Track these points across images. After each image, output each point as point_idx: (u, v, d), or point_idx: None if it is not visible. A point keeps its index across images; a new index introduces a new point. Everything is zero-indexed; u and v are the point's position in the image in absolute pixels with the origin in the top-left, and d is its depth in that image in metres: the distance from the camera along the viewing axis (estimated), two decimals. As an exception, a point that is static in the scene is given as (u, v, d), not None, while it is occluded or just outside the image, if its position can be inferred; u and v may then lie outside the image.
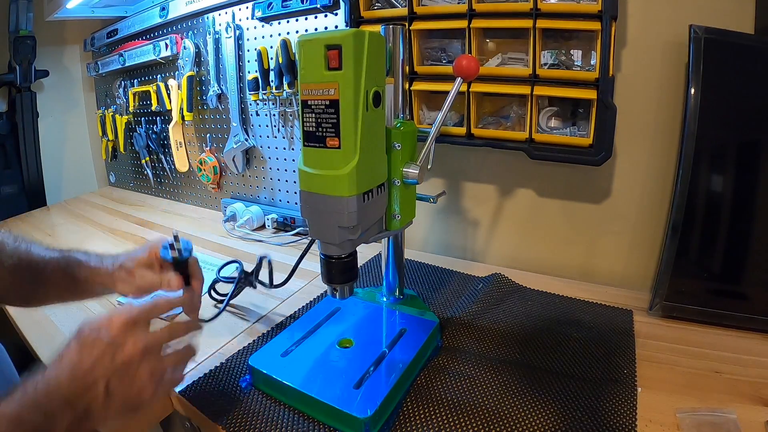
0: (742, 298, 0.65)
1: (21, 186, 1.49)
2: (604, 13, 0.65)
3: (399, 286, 0.69)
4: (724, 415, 0.48)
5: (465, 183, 0.92)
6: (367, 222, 0.52)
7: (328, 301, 0.71)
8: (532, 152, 0.75)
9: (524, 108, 0.76)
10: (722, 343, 0.61)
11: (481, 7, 0.74)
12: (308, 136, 0.47)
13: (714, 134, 0.62)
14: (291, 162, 1.11)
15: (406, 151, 0.55)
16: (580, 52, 0.72)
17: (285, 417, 0.51)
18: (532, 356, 0.59)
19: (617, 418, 0.49)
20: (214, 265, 0.91)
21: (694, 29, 0.61)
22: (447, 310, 0.71)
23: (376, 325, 0.65)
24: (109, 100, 1.56)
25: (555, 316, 0.69)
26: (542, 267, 0.87)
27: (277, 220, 1.11)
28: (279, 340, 0.61)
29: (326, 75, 0.44)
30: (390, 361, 0.56)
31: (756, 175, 0.62)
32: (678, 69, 0.68)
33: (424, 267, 0.87)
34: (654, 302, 0.68)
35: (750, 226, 0.63)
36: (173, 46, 1.22)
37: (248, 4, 1.05)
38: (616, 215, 0.79)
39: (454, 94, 0.55)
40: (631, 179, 0.77)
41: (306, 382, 0.52)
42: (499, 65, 0.77)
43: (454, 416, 0.50)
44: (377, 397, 0.49)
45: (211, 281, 0.73)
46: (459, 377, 0.56)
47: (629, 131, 0.74)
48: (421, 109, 0.86)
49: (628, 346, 0.61)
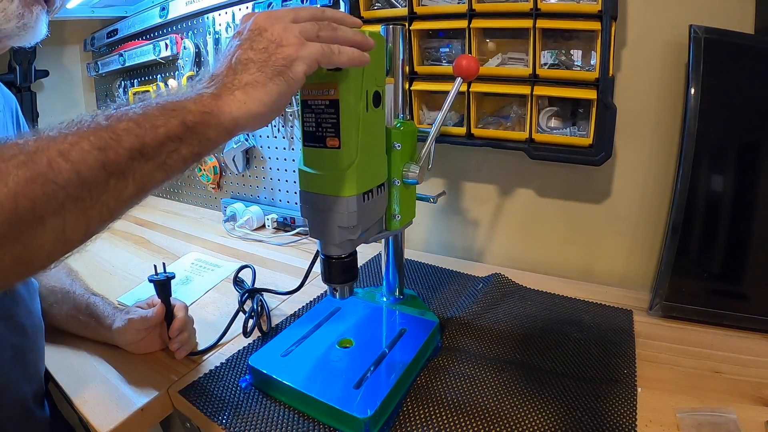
0: (742, 298, 0.65)
1: (21, 186, 1.48)
2: (604, 13, 0.65)
3: (399, 286, 0.69)
4: (724, 415, 0.48)
5: (465, 183, 0.92)
6: (367, 222, 0.51)
7: (328, 301, 0.71)
8: (532, 152, 0.75)
9: (524, 108, 0.76)
10: (722, 343, 0.61)
11: (481, 7, 0.74)
12: (308, 136, 0.47)
13: (714, 134, 0.62)
14: (291, 162, 1.11)
15: (406, 151, 0.55)
16: (580, 52, 0.72)
17: (285, 417, 0.51)
18: (532, 356, 0.59)
19: (617, 418, 0.49)
20: (215, 266, 0.92)
21: (694, 29, 0.61)
22: (447, 310, 0.71)
23: (376, 325, 0.65)
24: (109, 100, 1.56)
25: (555, 316, 0.69)
26: (542, 267, 0.87)
27: (277, 220, 1.11)
28: (279, 340, 0.61)
29: (326, 75, 0.44)
30: (390, 361, 0.56)
31: (756, 175, 0.62)
32: (678, 69, 0.68)
33: (424, 267, 0.87)
34: (654, 302, 0.68)
35: (750, 226, 0.63)
36: (173, 46, 1.22)
37: (248, 4, 1.05)
38: (616, 215, 0.79)
39: (454, 94, 0.55)
40: (631, 179, 0.77)
41: (306, 382, 0.52)
42: (499, 65, 0.77)
43: (454, 416, 0.50)
44: (377, 397, 0.49)
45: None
46: (459, 377, 0.56)
47: (629, 131, 0.74)
48: (421, 109, 0.86)
49: (628, 346, 0.61)
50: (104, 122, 0.31)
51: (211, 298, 0.80)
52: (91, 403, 0.54)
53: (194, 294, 0.81)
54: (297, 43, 0.37)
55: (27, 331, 0.55)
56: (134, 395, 0.55)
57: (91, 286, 0.69)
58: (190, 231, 1.16)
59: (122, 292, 0.82)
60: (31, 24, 0.48)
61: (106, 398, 0.55)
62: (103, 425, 0.50)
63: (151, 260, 0.69)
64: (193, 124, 0.33)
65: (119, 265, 0.94)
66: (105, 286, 0.86)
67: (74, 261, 0.98)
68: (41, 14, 0.49)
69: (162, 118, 0.32)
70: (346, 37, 0.41)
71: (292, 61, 0.37)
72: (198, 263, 0.94)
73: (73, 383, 0.57)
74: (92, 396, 0.55)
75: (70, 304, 0.65)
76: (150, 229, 1.19)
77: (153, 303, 0.61)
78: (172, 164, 0.33)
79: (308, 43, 0.38)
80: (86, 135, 0.30)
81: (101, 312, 0.63)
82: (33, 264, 0.29)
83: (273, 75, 0.36)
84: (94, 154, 0.29)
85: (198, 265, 0.93)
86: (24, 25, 0.47)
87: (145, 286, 0.83)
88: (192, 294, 0.81)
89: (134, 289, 0.84)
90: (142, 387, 0.57)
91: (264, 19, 0.38)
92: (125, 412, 0.52)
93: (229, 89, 0.35)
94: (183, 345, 0.61)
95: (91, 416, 0.52)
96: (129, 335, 0.60)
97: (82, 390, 0.56)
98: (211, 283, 0.85)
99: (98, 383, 0.57)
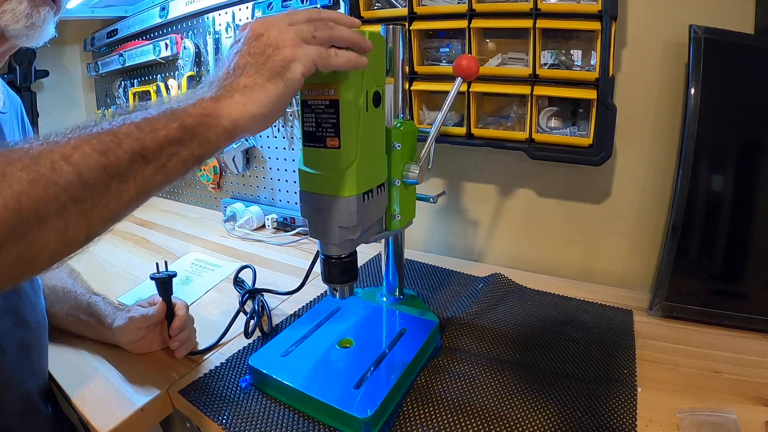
0: (742, 298, 0.65)
1: (21, 186, 1.48)
2: (604, 13, 0.65)
3: (399, 286, 0.69)
4: (724, 415, 0.48)
5: (465, 183, 0.92)
6: (367, 222, 0.52)
7: (328, 301, 0.71)
8: (532, 152, 0.75)
9: (524, 108, 0.76)
10: (722, 343, 0.61)
11: (481, 7, 0.74)
12: (308, 136, 0.47)
13: (714, 134, 0.62)
14: (291, 162, 1.11)
15: (406, 151, 0.55)
16: (580, 52, 0.72)
17: (285, 417, 0.51)
18: (532, 356, 0.59)
19: (617, 418, 0.49)
20: (215, 266, 0.92)
21: (694, 29, 0.61)
22: (447, 310, 0.71)
23: (376, 325, 0.65)
24: (109, 100, 1.56)
25: (555, 316, 0.69)
26: (542, 267, 0.87)
27: (277, 220, 1.11)
28: (279, 340, 0.61)
29: (326, 75, 0.44)
30: (390, 361, 0.56)
31: (756, 175, 0.62)
32: (678, 69, 0.68)
33: (424, 267, 0.87)
34: (654, 302, 0.68)
35: (750, 226, 0.63)
36: (173, 46, 1.22)
37: (248, 4, 1.05)
38: (616, 215, 0.79)
39: (454, 94, 0.55)
40: (631, 179, 0.77)
41: (306, 382, 0.52)
42: (499, 65, 0.77)
43: (454, 416, 0.50)
44: (377, 397, 0.49)
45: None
46: (459, 377, 0.56)
47: (629, 131, 0.74)
48: (421, 109, 0.86)
49: (628, 346, 0.61)
50: (106, 126, 0.32)
51: (211, 298, 0.80)
52: (91, 402, 0.54)
53: (195, 294, 0.81)
54: (293, 45, 0.37)
55: (31, 327, 0.55)
56: (134, 395, 0.55)
57: (92, 286, 0.69)
58: (190, 231, 1.16)
59: (123, 292, 0.82)
60: (39, 24, 0.49)
61: (106, 398, 0.55)
62: (103, 425, 0.50)
63: (151, 260, 0.69)
64: (192, 126, 0.34)
65: (119, 265, 0.94)
66: (105, 286, 0.86)
67: (75, 261, 0.99)
68: (49, 15, 0.50)
69: (162, 122, 0.33)
70: (343, 36, 0.41)
71: (289, 63, 0.37)
72: (198, 263, 0.94)
73: (73, 383, 0.57)
74: (92, 395, 0.55)
75: (71, 303, 0.65)
76: (150, 229, 1.19)
77: (154, 302, 0.62)
78: (173, 167, 0.34)
79: (305, 44, 0.38)
80: (88, 139, 0.31)
81: (102, 311, 0.63)
82: (36, 263, 0.30)
83: (271, 77, 0.37)
84: (95, 157, 0.30)
85: (198, 265, 0.93)
86: (32, 25, 0.48)
87: (146, 286, 0.84)
88: (192, 294, 0.81)
89: (134, 289, 0.84)
90: (143, 387, 0.57)
91: (259, 24, 0.39)
92: (125, 412, 0.52)
93: (228, 92, 0.36)
94: (183, 344, 0.61)
95: (91, 416, 0.52)
96: (130, 334, 0.60)
97: (82, 390, 0.56)
98: (211, 283, 0.85)
99: (98, 383, 0.57)
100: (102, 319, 0.62)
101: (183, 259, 0.97)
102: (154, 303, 0.61)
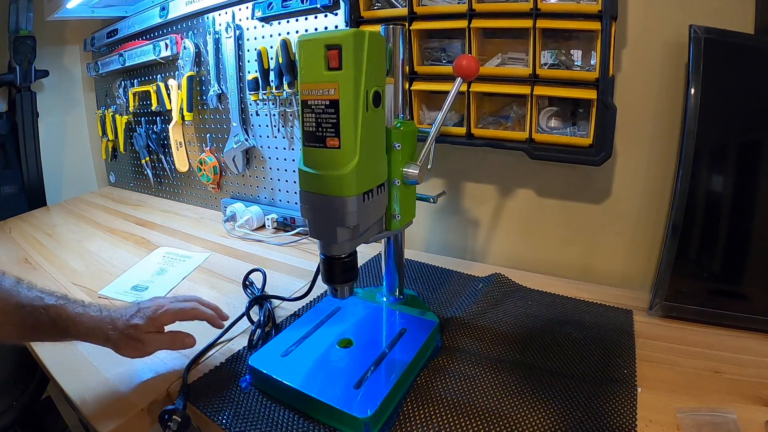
0: (742, 298, 0.65)
1: (21, 186, 1.49)
2: (604, 13, 0.65)
3: (399, 286, 0.69)
4: (724, 415, 0.48)
5: (465, 183, 0.92)
6: (367, 222, 0.52)
7: (328, 301, 0.71)
8: (532, 152, 0.75)
9: (524, 108, 0.76)
10: (722, 343, 0.61)
11: (481, 7, 0.74)
12: (308, 136, 0.47)
13: (714, 134, 0.62)
14: (291, 162, 1.11)
15: (406, 151, 0.55)
16: (580, 52, 0.72)
17: (285, 417, 0.51)
18: (532, 356, 0.59)
19: (617, 418, 0.49)
20: (185, 257, 0.96)
21: (694, 29, 0.61)
22: (447, 310, 0.71)
23: (376, 325, 0.65)
24: (109, 100, 1.56)
25: (555, 316, 0.69)
26: (542, 267, 0.87)
27: (277, 220, 1.11)
28: (279, 340, 0.61)
29: (326, 75, 0.44)
30: (390, 361, 0.56)
31: (756, 175, 0.62)
32: (678, 69, 0.68)
33: (424, 267, 0.87)
34: (654, 302, 0.68)
35: (750, 226, 0.63)
36: (173, 46, 1.22)
37: (248, 4, 1.05)
38: (616, 215, 0.79)
39: (454, 94, 0.55)
40: (631, 179, 0.77)
41: (306, 383, 0.52)
42: (499, 65, 0.77)
43: (454, 416, 0.50)
44: (377, 397, 0.49)
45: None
46: (459, 377, 0.56)
47: (629, 131, 0.74)
48: (421, 109, 0.86)
49: (628, 346, 0.61)
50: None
51: (211, 297, 0.80)
52: (92, 403, 0.54)
53: (171, 283, 0.87)
54: None
55: None
56: (135, 395, 0.55)
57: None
58: (190, 231, 1.16)
59: (123, 292, 0.82)
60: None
61: (107, 398, 0.55)
62: (104, 425, 0.50)
63: (151, 260, 0.69)
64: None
65: (119, 265, 0.94)
66: (105, 285, 0.86)
67: (75, 262, 0.99)
68: None
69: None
70: None
71: None
72: (168, 256, 0.99)
73: (73, 383, 0.57)
74: (92, 396, 0.55)
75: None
76: (150, 229, 1.19)
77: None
78: None
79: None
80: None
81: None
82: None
83: None
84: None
85: (169, 258, 0.98)
86: None
87: (126, 277, 0.88)
88: (169, 283, 0.86)
89: (115, 281, 0.87)
90: (143, 387, 0.57)
91: None
92: (126, 413, 0.52)
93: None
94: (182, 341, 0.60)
95: (92, 416, 0.52)
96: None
97: (83, 390, 0.56)
98: (184, 272, 0.91)
99: (98, 383, 0.57)
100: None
101: (154, 252, 1.01)
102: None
